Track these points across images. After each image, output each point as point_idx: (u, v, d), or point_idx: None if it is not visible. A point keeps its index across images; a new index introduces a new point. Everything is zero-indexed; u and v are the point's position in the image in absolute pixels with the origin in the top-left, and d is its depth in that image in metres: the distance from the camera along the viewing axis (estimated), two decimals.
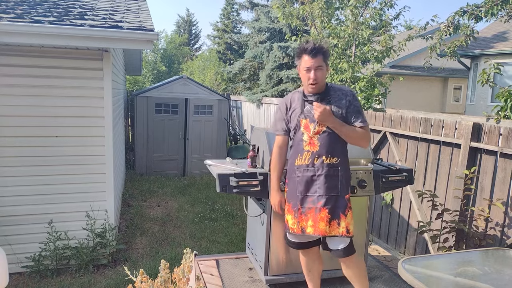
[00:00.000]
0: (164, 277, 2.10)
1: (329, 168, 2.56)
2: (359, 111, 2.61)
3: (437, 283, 2.09)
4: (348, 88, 2.70)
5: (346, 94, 2.62)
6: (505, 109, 3.98)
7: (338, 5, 6.42)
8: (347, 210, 2.54)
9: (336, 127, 2.55)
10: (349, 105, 2.59)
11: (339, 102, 2.59)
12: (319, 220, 2.53)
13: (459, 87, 17.50)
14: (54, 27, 3.59)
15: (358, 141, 2.61)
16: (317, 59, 2.52)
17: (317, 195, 2.56)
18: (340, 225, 2.52)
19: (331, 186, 2.55)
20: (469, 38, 6.15)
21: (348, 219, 2.53)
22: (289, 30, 13.00)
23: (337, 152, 2.58)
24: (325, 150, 2.56)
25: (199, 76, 23.19)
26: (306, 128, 2.61)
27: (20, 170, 4.12)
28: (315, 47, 2.52)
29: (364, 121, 2.60)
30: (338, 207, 2.53)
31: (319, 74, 2.54)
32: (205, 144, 9.08)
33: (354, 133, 2.57)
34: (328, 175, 2.56)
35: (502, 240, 3.45)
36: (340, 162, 2.58)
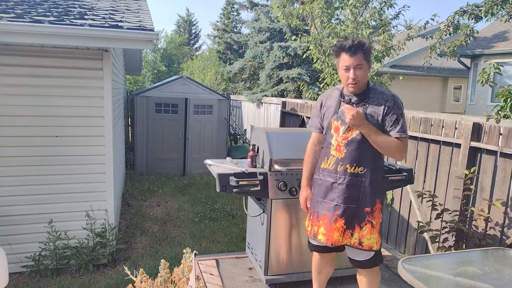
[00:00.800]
0: (164, 277, 2.09)
1: (352, 178, 2.39)
2: (399, 120, 2.36)
3: (437, 282, 2.09)
4: (391, 93, 2.44)
5: (387, 99, 2.38)
6: (505, 108, 3.98)
7: (338, 4, 6.42)
8: (365, 223, 2.39)
9: (369, 135, 2.34)
10: (387, 112, 2.36)
11: (377, 107, 2.38)
12: (334, 230, 2.42)
13: (459, 87, 17.50)
14: (54, 27, 3.59)
15: (392, 153, 2.40)
16: (357, 57, 2.33)
17: (335, 203, 2.43)
18: (353, 236, 2.40)
19: (351, 197, 2.39)
20: (469, 38, 6.15)
21: (364, 232, 2.39)
22: (289, 30, 12.99)
23: (364, 161, 2.39)
24: (350, 158, 2.39)
25: (199, 76, 23.18)
26: (336, 130, 2.46)
27: (20, 169, 4.12)
28: (353, 44, 2.33)
29: (403, 132, 2.35)
30: (355, 219, 2.40)
31: (359, 73, 2.34)
32: (205, 144, 9.07)
33: (388, 144, 2.35)
34: (350, 185, 2.40)
35: (502, 240, 3.45)
36: (366, 173, 2.39)
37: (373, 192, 2.41)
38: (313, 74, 12.58)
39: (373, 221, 2.40)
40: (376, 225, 2.42)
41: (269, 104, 10.21)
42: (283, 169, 2.99)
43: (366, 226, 2.39)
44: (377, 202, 2.43)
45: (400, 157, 2.43)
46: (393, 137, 2.35)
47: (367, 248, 2.41)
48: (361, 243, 2.40)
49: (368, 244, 2.40)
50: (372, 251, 2.43)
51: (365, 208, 2.40)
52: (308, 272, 3.20)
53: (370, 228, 2.40)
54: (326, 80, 6.28)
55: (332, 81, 6.18)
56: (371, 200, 2.40)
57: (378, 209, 2.44)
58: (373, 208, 2.40)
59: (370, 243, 2.40)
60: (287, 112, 8.53)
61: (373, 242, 2.41)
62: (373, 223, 2.40)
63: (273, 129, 3.34)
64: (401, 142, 2.36)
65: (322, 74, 6.43)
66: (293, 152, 3.10)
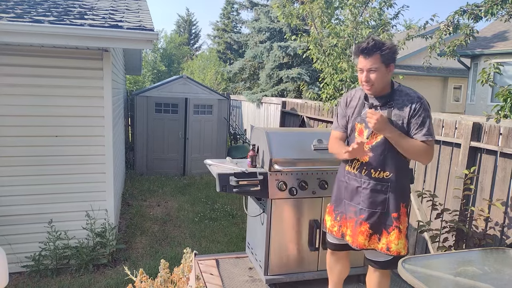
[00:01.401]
0: (164, 277, 2.09)
1: (377, 183, 2.35)
2: (425, 122, 2.26)
3: (437, 282, 2.09)
4: (417, 94, 2.33)
5: (412, 101, 2.29)
6: (504, 108, 3.97)
7: (337, 4, 6.42)
8: (392, 229, 2.34)
9: (393, 138, 2.27)
10: (413, 114, 2.26)
11: (402, 109, 2.29)
12: (359, 233, 2.40)
13: (459, 87, 17.51)
14: (54, 27, 3.59)
15: (418, 157, 2.32)
16: (371, 59, 2.25)
17: (360, 207, 2.40)
18: (380, 241, 2.38)
19: (376, 202, 2.36)
20: (469, 37, 6.14)
21: (392, 237, 2.34)
22: (289, 30, 12.99)
23: (390, 166, 2.33)
24: (375, 163, 2.35)
25: (199, 76, 23.18)
26: (360, 133, 2.42)
27: (20, 169, 4.12)
28: (367, 47, 2.24)
29: (429, 135, 2.25)
30: (381, 224, 2.37)
31: (373, 76, 2.27)
32: (205, 144, 9.07)
33: (414, 148, 2.26)
34: (374, 190, 2.36)
35: (502, 240, 3.45)
36: (392, 178, 2.33)
37: (398, 197, 2.35)
38: (313, 74, 12.58)
39: (400, 226, 2.35)
40: (403, 229, 2.37)
41: (269, 104, 10.21)
42: (283, 169, 2.99)
43: (394, 231, 2.35)
44: (401, 206, 2.37)
45: (426, 161, 2.36)
46: (419, 141, 2.27)
47: (395, 253, 2.35)
48: (389, 249, 2.35)
49: (397, 250, 2.35)
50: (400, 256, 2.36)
51: (392, 214, 2.35)
52: (308, 272, 3.20)
53: (398, 233, 2.35)
54: (326, 80, 6.27)
55: (332, 81, 6.18)
56: (396, 205, 2.35)
57: (404, 213, 2.38)
58: (399, 213, 2.35)
59: (398, 249, 2.35)
60: (287, 112, 8.53)
61: (401, 248, 2.36)
62: (400, 228, 2.35)
63: (273, 129, 3.34)
64: (427, 145, 2.26)
65: (322, 74, 6.43)
66: (293, 152, 3.10)
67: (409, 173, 2.48)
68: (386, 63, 2.29)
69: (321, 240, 3.15)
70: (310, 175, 3.07)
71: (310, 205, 3.12)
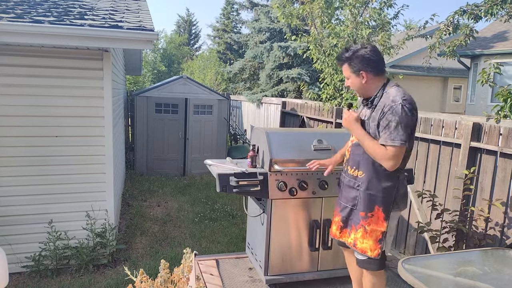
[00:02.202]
0: (164, 277, 2.09)
1: (350, 180, 2.47)
2: (390, 126, 2.22)
3: (437, 282, 2.09)
4: (395, 97, 2.26)
5: (385, 105, 2.27)
6: (504, 108, 3.98)
7: (338, 4, 6.43)
8: (359, 227, 2.40)
9: (358, 138, 2.38)
10: (381, 117, 2.27)
11: (378, 112, 2.31)
12: (333, 223, 2.62)
13: (459, 87, 17.51)
14: (54, 27, 3.59)
15: (378, 160, 2.29)
16: (343, 68, 2.45)
17: (339, 199, 2.60)
18: (350, 236, 2.48)
19: (348, 197, 2.47)
20: (468, 37, 6.15)
21: (358, 235, 2.41)
22: (289, 30, 12.99)
23: (364, 166, 2.38)
24: (352, 161, 2.47)
25: (199, 76, 23.18)
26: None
27: (20, 170, 4.12)
28: (338, 56, 2.44)
29: (391, 140, 2.21)
30: (351, 219, 2.46)
31: (350, 82, 2.44)
32: (205, 144, 9.07)
33: (372, 150, 2.29)
34: (348, 186, 2.49)
35: (502, 240, 3.45)
36: (364, 178, 2.37)
37: (370, 199, 2.35)
38: (313, 74, 12.58)
39: (366, 227, 2.36)
40: (371, 232, 2.36)
41: (269, 104, 10.21)
42: (283, 169, 2.99)
43: (360, 230, 2.41)
44: (375, 208, 2.34)
45: (386, 165, 2.26)
46: (379, 144, 2.27)
47: (360, 251, 2.43)
48: (355, 245, 2.45)
49: (361, 248, 2.41)
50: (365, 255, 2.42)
51: (360, 213, 2.39)
52: (308, 272, 3.20)
53: (363, 233, 2.38)
54: (326, 80, 6.28)
55: (332, 81, 6.18)
56: (367, 205, 2.36)
57: (379, 217, 2.34)
58: (367, 214, 2.36)
59: (363, 248, 2.40)
60: (287, 112, 8.53)
61: (366, 247, 2.38)
62: (366, 228, 2.37)
63: (273, 129, 3.34)
64: (384, 149, 2.23)
65: (322, 74, 6.44)
66: (293, 152, 3.10)
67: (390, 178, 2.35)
68: (355, 72, 2.37)
69: (321, 241, 3.16)
70: (310, 175, 3.07)
71: (310, 206, 3.12)
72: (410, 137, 2.29)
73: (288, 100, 8.68)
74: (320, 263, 3.21)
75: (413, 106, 2.26)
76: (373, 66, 2.36)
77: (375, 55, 2.37)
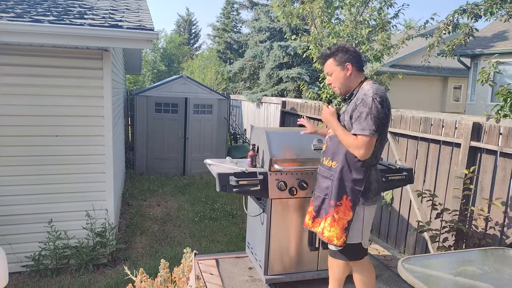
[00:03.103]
0: (164, 277, 2.10)
1: (324, 170, 2.62)
2: (360, 117, 2.37)
3: (437, 282, 2.09)
4: (369, 93, 2.40)
5: (358, 97, 2.45)
6: (504, 108, 3.98)
7: (337, 4, 6.42)
8: (328, 216, 2.53)
9: (333, 130, 2.56)
10: (353, 108, 2.43)
11: (351, 105, 2.49)
12: (307, 213, 2.74)
13: (459, 87, 17.51)
14: (53, 27, 3.58)
15: (350, 149, 2.42)
16: (326, 65, 2.61)
17: (314, 191, 2.72)
18: (320, 225, 2.60)
19: (322, 187, 2.61)
20: (468, 37, 6.15)
21: (326, 223, 2.53)
22: (289, 30, 12.99)
23: (339, 157, 2.51)
24: (327, 152, 2.63)
25: (199, 76, 23.17)
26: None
27: (19, 169, 4.12)
28: (321, 55, 2.62)
29: (360, 130, 2.35)
30: (322, 209, 2.59)
31: (331, 80, 2.61)
32: (205, 144, 9.07)
33: (344, 139, 2.44)
34: (322, 176, 2.64)
35: (502, 240, 3.45)
36: (337, 168, 2.51)
37: (340, 188, 2.48)
38: (313, 74, 12.57)
39: (335, 215, 2.49)
40: (338, 220, 2.48)
41: (269, 103, 10.21)
42: (283, 168, 2.99)
43: (329, 218, 2.52)
44: (344, 198, 2.48)
45: (357, 154, 2.40)
46: (351, 134, 2.42)
47: (327, 240, 2.53)
48: (322, 233, 2.56)
49: (328, 237, 2.51)
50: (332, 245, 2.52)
51: (330, 201, 2.53)
52: (308, 272, 3.21)
53: (332, 221, 2.50)
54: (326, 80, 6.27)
55: None
56: (337, 195, 2.49)
57: (346, 206, 2.47)
58: (337, 203, 2.49)
59: (329, 236, 2.50)
60: (287, 112, 8.53)
61: (333, 236, 2.49)
62: (335, 216, 2.49)
63: (273, 129, 3.34)
64: (356, 139, 2.38)
65: (322, 73, 6.43)
66: (293, 151, 3.10)
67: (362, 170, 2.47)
68: (341, 64, 2.53)
69: (321, 240, 3.15)
70: (310, 175, 3.07)
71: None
72: (383, 131, 2.43)
73: (288, 100, 8.67)
74: (320, 262, 3.21)
75: (383, 100, 2.39)
76: (357, 60, 2.55)
77: (358, 52, 2.62)
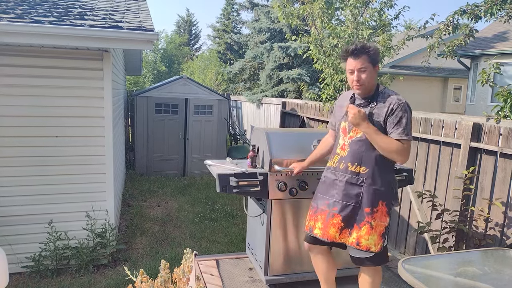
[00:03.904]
0: (164, 277, 2.10)
1: (352, 176, 2.44)
2: (401, 122, 2.34)
3: (437, 283, 2.09)
4: (398, 96, 2.43)
5: (391, 102, 2.39)
6: (504, 109, 3.98)
7: (338, 5, 6.42)
8: (363, 224, 2.40)
9: (369, 134, 2.37)
10: (390, 113, 2.37)
11: (382, 109, 2.40)
12: (331, 225, 2.47)
13: (459, 87, 17.51)
14: (54, 27, 3.59)
15: (392, 154, 2.36)
16: (360, 60, 2.39)
17: (334, 200, 2.49)
18: (351, 235, 2.44)
19: (350, 195, 2.43)
20: (468, 37, 6.15)
21: (362, 232, 2.40)
22: (289, 30, 13.00)
23: (367, 162, 2.41)
24: (352, 157, 2.45)
25: (199, 76, 23.18)
26: (343, 131, 2.54)
27: (20, 170, 4.12)
28: (356, 48, 2.39)
29: (404, 134, 2.33)
30: (353, 218, 2.43)
31: (363, 75, 2.40)
32: (205, 144, 9.08)
33: (387, 145, 2.34)
34: (349, 183, 2.44)
35: (502, 240, 3.45)
36: (368, 173, 2.40)
37: (375, 194, 2.39)
38: (313, 75, 12.59)
39: (372, 222, 2.39)
40: (376, 227, 2.39)
41: (269, 104, 10.21)
42: (283, 169, 2.99)
43: (365, 226, 2.40)
44: (379, 204, 2.40)
45: (400, 160, 2.39)
46: (393, 139, 2.34)
47: (365, 248, 2.41)
48: (359, 243, 2.41)
49: (366, 245, 2.40)
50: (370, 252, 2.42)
51: (365, 209, 2.40)
52: (308, 273, 3.20)
53: (369, 229, 2.39)
54: (326, 80, 6.27)
55: (332, 81, 6.18)
56: (372, 201, 2.39)
57: (382, 211, 2.40)
58: (373, 209, 2.39)
59: (368, 244, 2.40)
60: (287, 113, 8.53)
61: (371, 243, 2.40)
62: (372, 224, 2.39)
63: (273, 130, 3.34)
64: (401, 144, 2.33)
65: (322, 74, 6.43)
66: (293, 152, 3.10)
67: (392, 172, 2.50)
68: (373, 63, 2.42)
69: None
70: (310, 176, 3.07)
71: None
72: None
73: (288, 101, 8.68)
74: None
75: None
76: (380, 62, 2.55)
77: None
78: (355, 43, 2.46)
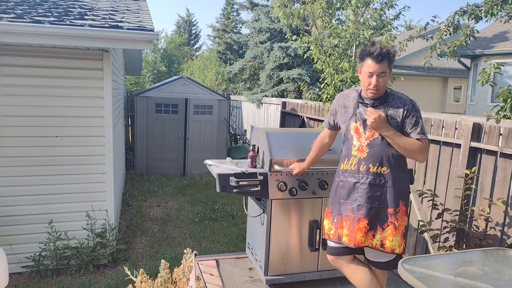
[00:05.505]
0: (164, 277, 2.09)
1: (374, 177, 2.40)
2: (418, 122, 2.41)
3: (437, 283, 2.09)
4: (408, 98, 2.49)
5: (405, 103, 2.43)
6: (504, 109, 3.98)
7: (339, 5, 6.42)
8: (387, 225, 2.38)
9: (391, 137, 2.37)
10: (407, 115, 2.41)
11: (397, 110, 2.42)
12: (357, 230, 2.41)
13: (459, 87, 17.50)
14: (54, 27, 3.59)
15: (414, 154, 2.40)
16: (382, 64, 2.35)
17: (357, 203, 2.43)
18: (374, 237, 2.41)
19: (374, 196, 2.40)
20: (469, 38, 6.15)
21: (386, 233, 2.38)
22: (290, 30, 13.00)
23: (387, 162, 2.40)
24: (373, 158, 2.41)
25: (199, 76, 23.18)
26: (356, 132, 2.49)
27: (20, 170, 4.12)
28: (381, 52, 2.33)
29: (422, 133, 2.40)
30: (377, 219, 2.41)
31: (381, 80, 2.37)
32: (205, 144, 9.08)
33: (410, 146, 2.38)
34: (372, 184, 2.40)
35: (502, 240, 3.45)
36: (389, 173, 2.39)
37: (396, 193, 2.40)
38: (313, 75, 12.59)
39: (395, 223, 2.38)
40: (399, 227, 2.39)
41: (269, 104, 10.21)
42: (283, 169, 2.99)
43: (389, 227, 2.38)
44: (400, 204, 2.40)
45: (422, 158, 2.46)
46: (414, 139, 2.39)
47: (389, 250, 2.38)
48: (383, 245, 2.39)
49: (390, 246, 2.38)
50: (393, 254, 2.41)
51: (388, 209, 2.39)
52: (308, 273, 3.20)
53: (393, 229, 2.38)
54: (327, 80, 6.27)
55: (332, 81, 6.17)
56: (394, 201, 2.39)
57: (402, 211, 2.41)
58: (396, 210, 2.39)
59: (392, 245, 2.38)
60: (287, 113, 8.53)
61: (395, 245, 2.38)
62: (395, 224, 2.38)
63: (273, 129, 3.34)
64: (422, 143, 2.39)
65: (322, 74, 6.43)
66: (293, 152, 3.10)
67: (407, 171, 2.53)
68: (390, 68, 2.43)
69: (321, 241, 3.15)
70: (310, 176, 3.07)
71: (310, 206, 3.12)
72: None
73: (288, 100, 8.67)
74: (320, 263, 3.21)
75: None
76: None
77: None
78: (379, 45, 2.37)
